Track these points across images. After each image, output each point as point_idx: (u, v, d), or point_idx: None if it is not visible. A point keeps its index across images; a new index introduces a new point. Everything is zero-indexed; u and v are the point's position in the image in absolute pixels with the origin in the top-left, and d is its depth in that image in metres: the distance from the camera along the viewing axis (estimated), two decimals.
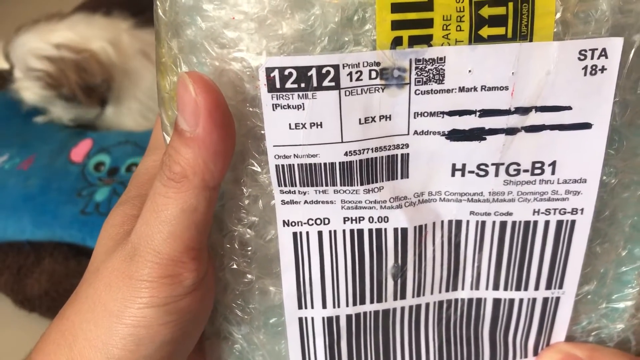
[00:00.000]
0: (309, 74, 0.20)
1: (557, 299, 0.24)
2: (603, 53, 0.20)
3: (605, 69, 0.20)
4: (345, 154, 0.21)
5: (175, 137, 0.21)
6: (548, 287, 0.24)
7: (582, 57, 0.20)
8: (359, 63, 0.20)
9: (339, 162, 0.21)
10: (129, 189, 0.27)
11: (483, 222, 0.23)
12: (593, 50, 0.20)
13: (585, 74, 0.20)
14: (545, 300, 0.24)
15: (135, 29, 0.74)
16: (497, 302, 0.24)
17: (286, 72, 0.20)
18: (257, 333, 0.25)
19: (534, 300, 0.24)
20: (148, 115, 0.71)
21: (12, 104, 0.69)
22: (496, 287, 0.24)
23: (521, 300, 0.24)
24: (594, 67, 0.20)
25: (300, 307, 0.24)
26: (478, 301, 0.24)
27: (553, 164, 0.21)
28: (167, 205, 0.21)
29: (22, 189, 0.61)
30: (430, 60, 0.20)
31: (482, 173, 0.22)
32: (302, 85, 0.20)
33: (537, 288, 0.24)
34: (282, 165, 0.21)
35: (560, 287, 0.24)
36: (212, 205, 0.22)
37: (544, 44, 0.20)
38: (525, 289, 0.24)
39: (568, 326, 0.25)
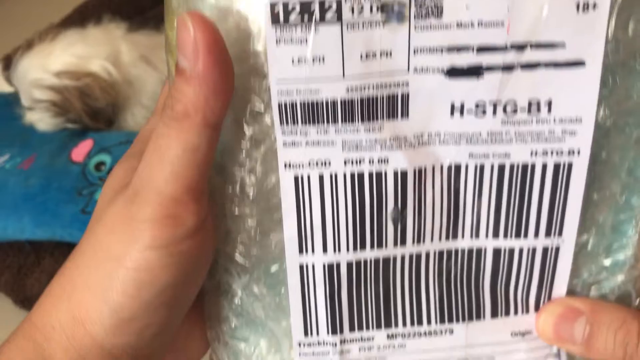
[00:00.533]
0: (312, 7, 0.20)
1: (557, 249, 0.24)
2: None
3: (597, 6, 0.20)
4: (347, 90, 0.21)
5: (177, 78, 0.21)
6: (547, 233, 0.24)
7: None
8: None
9: (341, 98, 0.21)
10: (133, 145, 0.27)
11: (482, 166, 0.23)
12: None
13: (578, 11, 0.20)
14: (545, 250, 0.24)
15: (130, 33, 0.74)
16: (497, 252, 0.24)
17: (290, 6, 0.20)
18: (257, 283, 0.25)
19: (534, 250, 0.24)
20: None
21: (12, 105, 0.70)
22: (496, 234, 0.24)
23: (521, 250, 0.24)
24: (586, 4, 0.20)
25: (301, 252, 0.24)
26: (478, 252, 0.24)
27: (549, 102, 0.22)
28: (169, 145, 0.21)
29: (23, 188, 0.62)
30: None
31: (480, 113, 0.22)
32: (305, 18, 0.20)
33: (536, 235, 0.24)
34: (285, 103, 0.22)
35: (560, 234, 0.24)
36: (214, 146, 0.22)
37: None
38: (525, 236, 0.24)
39: (568, 280, 0.25)
